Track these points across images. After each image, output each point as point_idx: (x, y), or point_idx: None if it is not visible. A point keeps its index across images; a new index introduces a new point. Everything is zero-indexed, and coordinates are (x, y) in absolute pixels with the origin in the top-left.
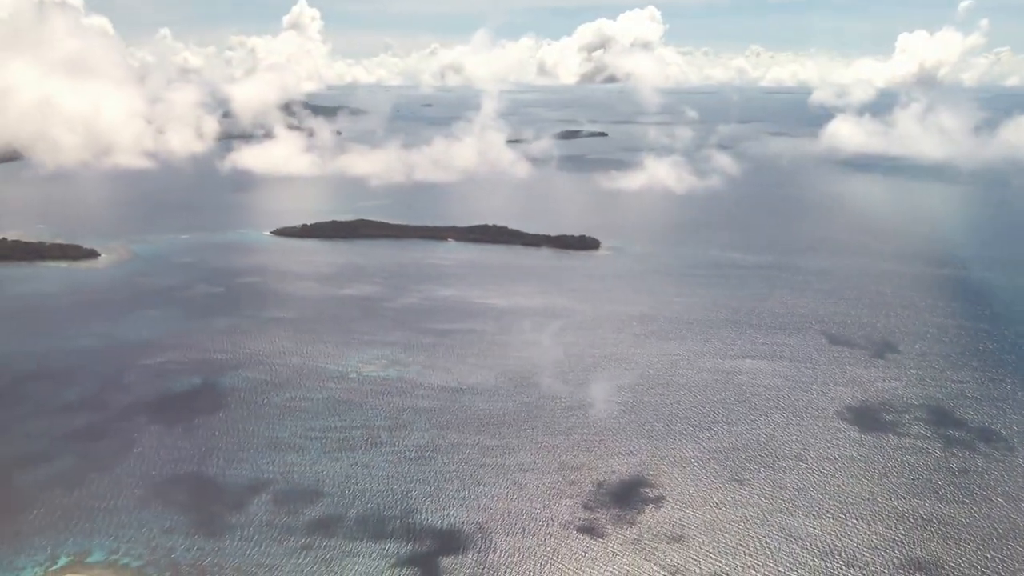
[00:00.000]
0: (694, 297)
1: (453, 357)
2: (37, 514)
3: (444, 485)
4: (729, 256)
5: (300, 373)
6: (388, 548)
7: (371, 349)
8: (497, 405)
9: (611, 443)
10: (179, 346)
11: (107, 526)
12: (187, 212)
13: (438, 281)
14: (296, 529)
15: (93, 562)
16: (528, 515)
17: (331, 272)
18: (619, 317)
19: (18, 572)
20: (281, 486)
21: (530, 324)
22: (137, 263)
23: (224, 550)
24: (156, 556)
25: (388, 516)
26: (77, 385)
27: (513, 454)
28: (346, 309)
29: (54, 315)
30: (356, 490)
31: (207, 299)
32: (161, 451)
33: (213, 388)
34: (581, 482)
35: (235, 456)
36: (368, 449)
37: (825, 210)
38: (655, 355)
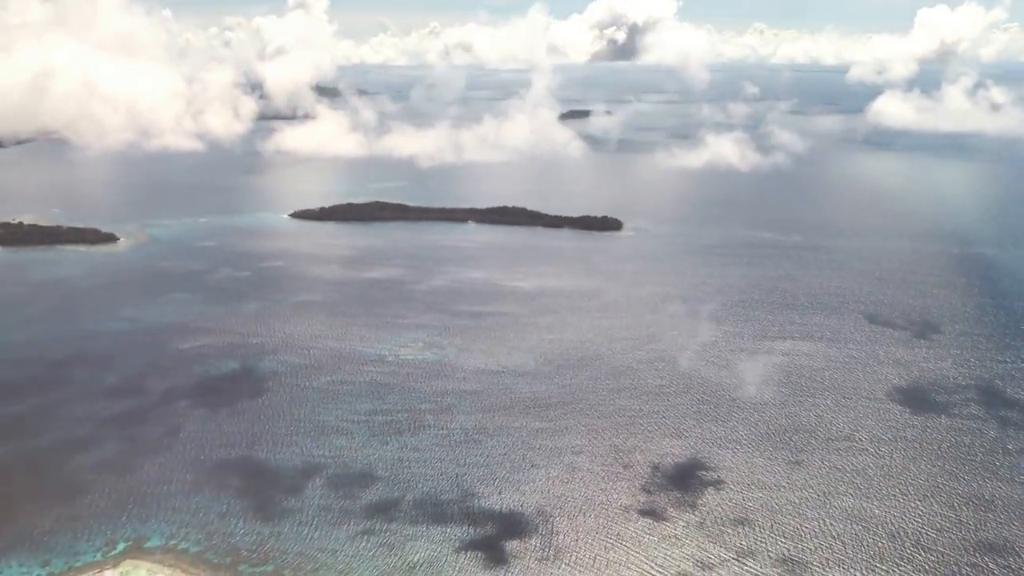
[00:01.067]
0: (725, 278)
1: (489, 340)
2: (91, 499)
3: (497, 468)
4: (758, 236)
5: (338, 357)
6: (449, 532)
7: (405, 332)
8: (540, 387)
9: (660, 425)
10: (212, 330)
11: (162, 511)
12: (205, 195)
13: (463, 263)
14: (354, 513)
15: (151, 547)
16: (587, 498)
17: (355, 255)
18: (651, 298)
19: (77, 557)
20: (334, 470)
21: (562, 306)
22: (156, 247)
23: (283, 535)
24: (215, 541)
25: (445, 500)
26: (115, 369)
27: (562, 436)
28: (375, 292)
29: (81, 299)
30: (409, 474)
31: (233, 283)
32: (208, 436)
33: (252, 372)
34: (636, 464)
35: (283, 440)
36: (415, 432)
37: (859, 189)
38: (692, 336)
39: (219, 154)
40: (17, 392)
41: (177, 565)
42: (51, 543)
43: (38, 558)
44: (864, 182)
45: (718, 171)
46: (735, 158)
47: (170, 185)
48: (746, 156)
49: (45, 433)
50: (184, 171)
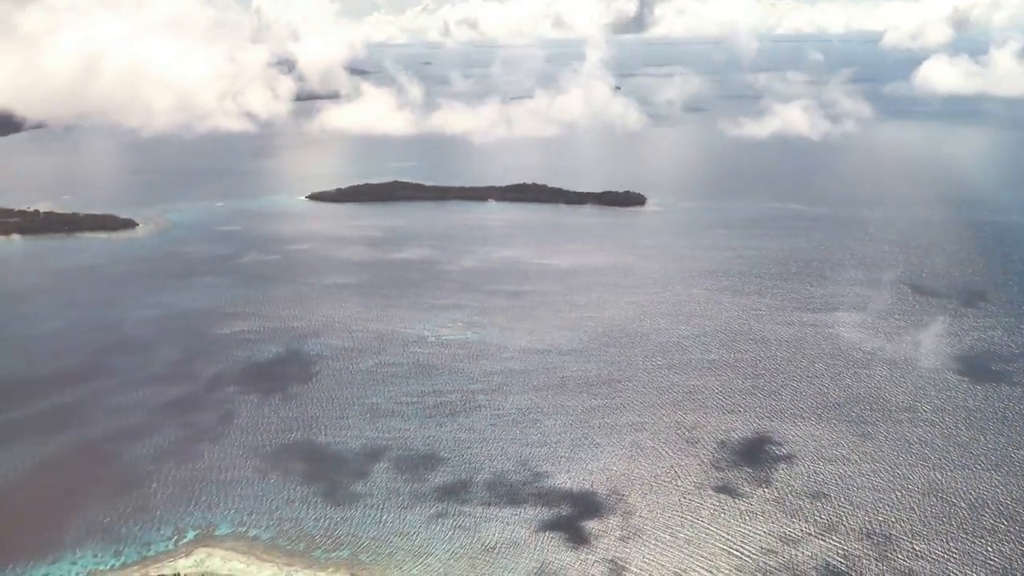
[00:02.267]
0: (758, 250)
1: (530, 319)
2: (155, 488)
3: (559, 447)
4: (785, 208)
5: (380, 338)
6: (524, 513)
7: (444, 313)
8: (588, 366)
9: (718, 400)
10: (249, 315)
11: (228, 498)
12: (221, 179)
13: (491, 242)
14: (425, 496)
15: (222, 535)
16: (657, 475)
17: (380, 236)
18: (686, 273)
19: (148, 547)
20: (396, 452)
21: (597, 283)
22: (177, 232)
23: (354, 519)
24: (285, 527)
25: (514, 480)
26: (157, 356)
27: (620, 414)
28: (406, 273)
29: (109, 287)
30: (472, 455)
31: (262, 267)
32: (264, 421)
33: (297, 356)
34: (702, 441)
35: (338, 424)
36: (469, 413)
37: (896, 158)
38: (734, 310)
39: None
40: (62, 382)
41: (251, 552)
42: (121, 533)
43: (109, 549)
44: (902, 150)
45: (752, 142)
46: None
47: (185, 170)
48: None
49: (97, 423)
50: (206, 155)
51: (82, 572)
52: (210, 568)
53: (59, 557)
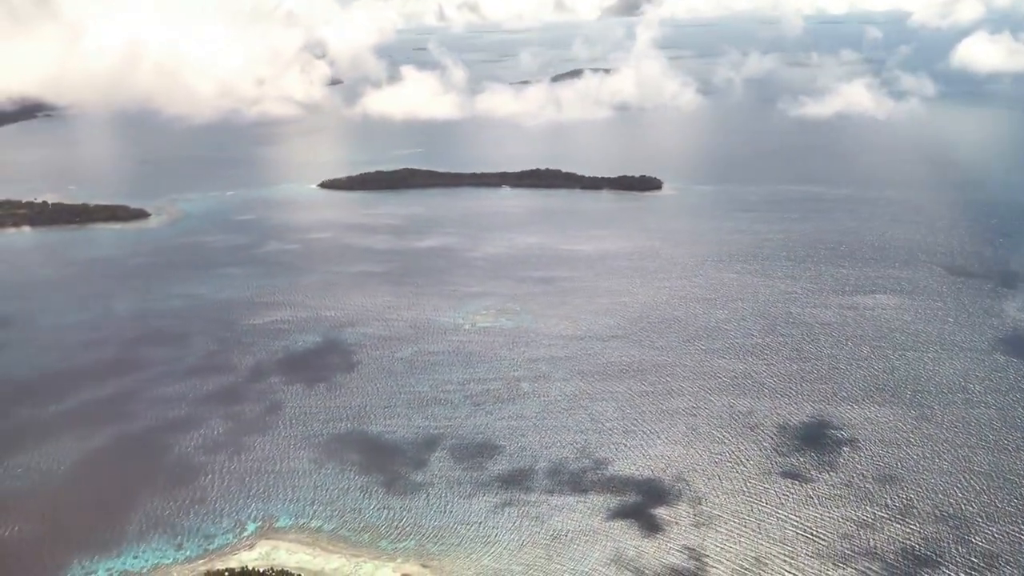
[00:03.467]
0: (784, 233)
1: (563, 305)
2: (209, 481)
3: (613, 434)
4: (804, 190)
5: (415, 327)
6: (590, 500)
7: (475, 300)
8: (630, 351)
9: (769, 385)
10: (280, 304)
11: (284, 490)
12: (229, 167)
13: (512, 229)
14: (486, 484)
15: (283, 527)
16: (720, 461)
17: (399, 224)
18: (713, 257)
19: (210, 540)
20: (450, 441)
21: (625, 268)
22: (191, 222)
23: (415, 509)
24: (347, 518)
25: (575, 468)
26: (192, 347)
27: (669, 399)
28: (432, 260)
29: (132, 277)
30: (527, 443)
31: (284, 256)
32: (312, 411)
33: (335, 345)
34: (760, 426)
35: (386, 412)
36: (515, 400)
37: (923, 140)
38: (769, 293)
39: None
40: (99, 374)
41: (316, 544)
42: (180, 527)
43: (171, 542)
44: (930, 132)
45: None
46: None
47: (192, 159)
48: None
49: (141, 415)
50: (212, 144)
51: (146, 566)
52: (277, 561)
53: (120, 551)
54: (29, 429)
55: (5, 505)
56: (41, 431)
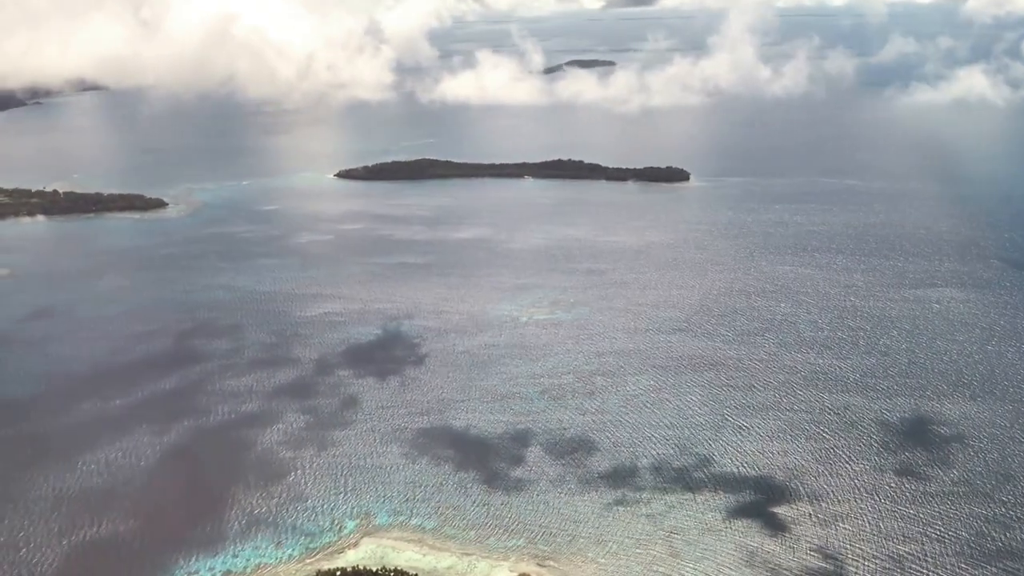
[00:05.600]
0: (828, 225)
1: (617, 297)
2: (298, 477)
3: (704, 430)
4: (839, 183)
5: (470, 320)
6: (705, 498)
7: (525, 293)
8: (698, 344)
9: (854, 380)
10: (328, 296)
11: (377, 486)
12: (237, 157)
13: (547, 220)
14: (591, 482)
15: (383, 525)
16: (827, 457)
17: (430, 215)
18: (760, 248)
19: (311, 539)
20: (538, 436)
21: (672, 260)
22: (211, 211)
23: (518, 505)
24: (447, 515)
25: (680, 465)
26: (248, 340)
27: (752, 393)
28: (471, 252)
29: (164, 268)
30: (619, 438)
31: (319, 247)
32: (391, 405)
33: (396, 338)
34: (859, 422)
35: (464, 407)
36: (594, 396)
37: (968, 136)
38: (828, 286)
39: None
40: (159, 367)
41: (422, 542)
42: (277, 525)
43: (269, 541)
44: (982, 127)
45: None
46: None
47: (198, 148)
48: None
49: (212, 409)
50: (219, 132)
51: (249, 566)
52: (386, 559)
53: (220, 550)
54: (98, 424)
55: (93, 504)
56: (111, 426)
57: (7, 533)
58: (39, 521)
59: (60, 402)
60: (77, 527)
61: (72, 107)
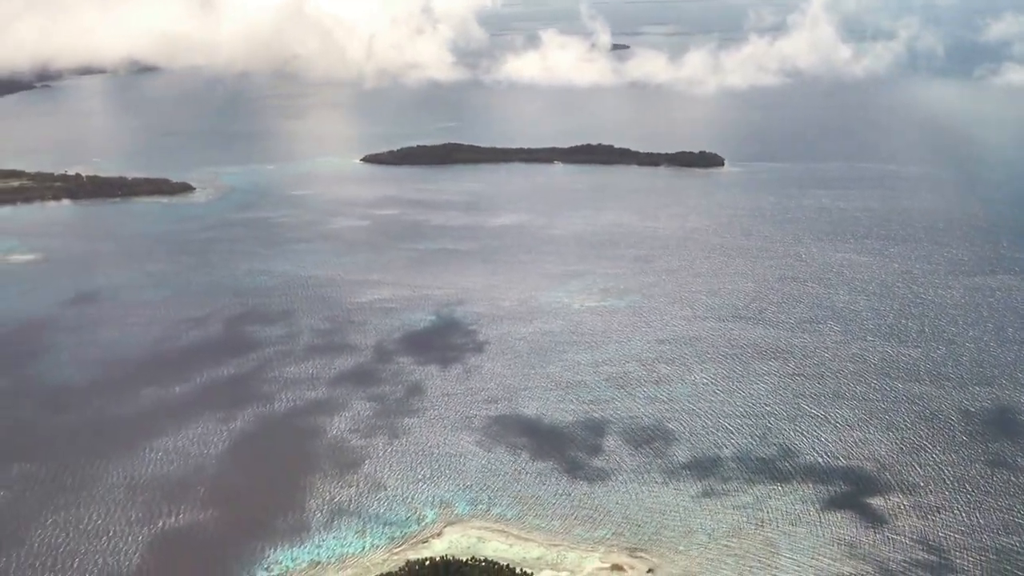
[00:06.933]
0: (870, 212)
1: (669, 284)
2: (373, 466)
3: (781, 419)
4: (877, 168)
5: (522, 307)
6: (796, 490)
7: (574, 280)
8: (759, 332)
9: (926, 368)
10: (376, 282)
11: (453, 474)
12: (256, 141)
13: (582, 206)
14: (675, 472)
15: (464, 514)
16: (913, 448)
17: (464, 200)
18: (808, 235)
19: (392, 528)
20: (612, 425)
21: (718, 247)
22: (240, 196)
23: (601, 496)
24: (528, 505)
25: (763, 455)
26: (302, 326)
27: (826, 383)
28: (512, 238)
29: (202, 253)
30: (695, 427)
31: (357, 233)
32: (453, 393)
33: (451, 325)
34: (941, 412)
35: (530, 395)
36: (661, 384)
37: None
38: (885, 274)
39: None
40: (215, 353)
41: (506, 531)
42: (358, 513)
43: (351, 530)
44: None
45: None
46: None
47: (216, 132)
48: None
49: (277, 396)
50: (231, 115)
51: (333, 556)
52: (472, 549)
53: (302, 539)
54: (161, 411)
55: (168, 492)
56: (174, 413)
57: (86, 521)
58: (116, 510)
59: (119, 388)
60: (155, 516)
61: (80, 90)
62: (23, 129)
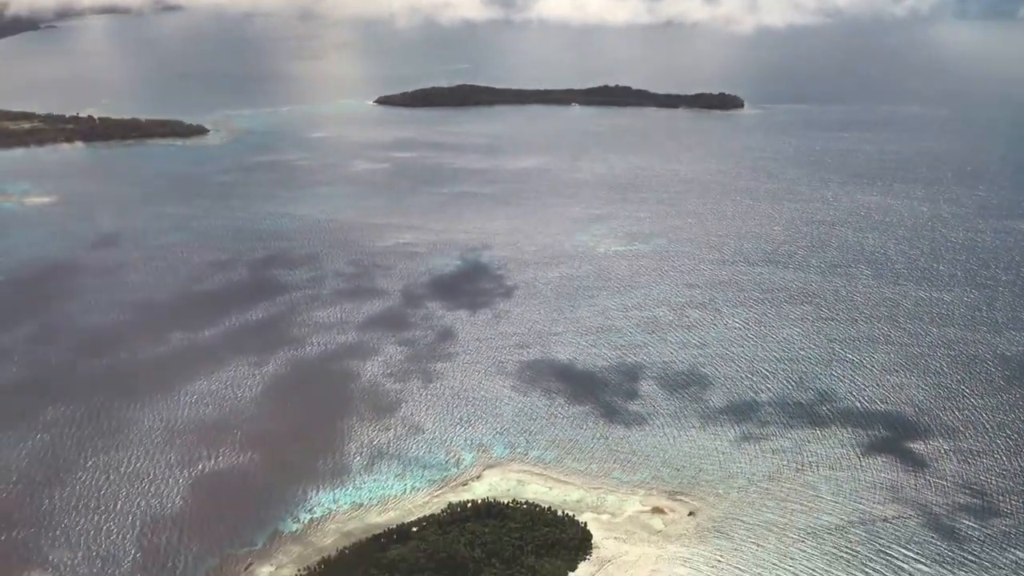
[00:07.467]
0: (897, 155)
1: (695, 228)
2: (410, 410)
3: (816, 364)
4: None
5: (548, 251)
6: (835, 434)
7: (599, 223)
8: (789, 275)
9: (960, 313)
10: (400, 226)
11: (489, 418)
12: (268, 84)
13: (605, 149)
14: (712, 417)
15: (501, 457)
16: (958, 394)
17: (484, 143)
18: (834, 177)
19: (432, 471)
20: (646, 370)
21: (744, 189)
22: (255, 138)
23: (637, 440)
24: (566, 449)
25: (799, 400)
26: (327, 270)
27: (859, 327)
28: (534, 182)
29: (220, 196)
30: (730, 372)
31: (377, 175)
32: (484, 337)
33: (478, 270)
34: (981, 357)
35: (561, 339)
36: (692, 328)
37: None
38: (914, 217)
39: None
40: (241, 297)
41: (545, 475)
42: (397, 456)
43: (390, 473)
44: None
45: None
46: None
47: (227, 74)
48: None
49: (307, 340)
50: (242, 58)
51: (374, 498)
52: (513, 492)
53: (342, 482)
54: (192, 355)
55: (206, 436)
56: (206, 357)
57: (126, 464)
58: (156, 453)
59: (149, 332)
60: (194, 459)
61: (95, 29)
62: (32, 70)
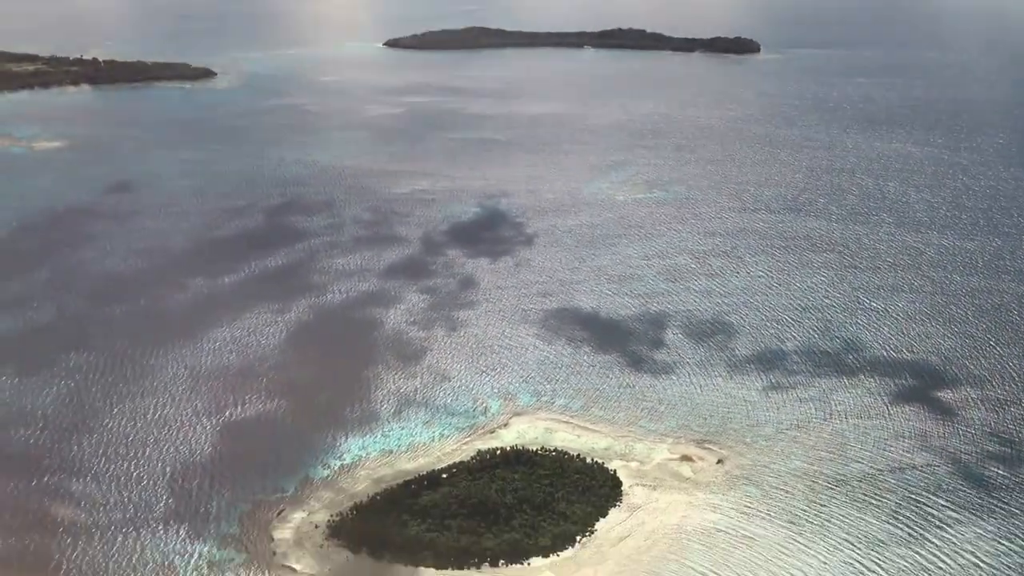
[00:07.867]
0: (920, 101)
1: (713, 176)
2: (436, 357)
3: (842, 312)
4: (922, 56)
5: (567, 198)
6: (863, 383)
7: (616, 171)
8: (810, 223)
9: (984, 261)
10: (416, 173)
11: (515, 367)
12: (273, 24)
13: (618, 94)
14: (738, 366)
15: (528, 405)
16: (985, 343)
17: (496, 87)
18: (852, 124)
19: (459, 418)
20: (669, 319)
21: (762, 136)
22: (264, 83)
23: (664, 389)
24: (592, 397)
25: (825, 349)
26: (344, 216)
27: (882, 275)
28: (552, 128)
29: (233, 140)
30: (754, 321)
31: (391, 120)
32: (509, 286)
33: (496, 217)
34: (1003, 306)
35: (584, 288)
36: (715, 277)
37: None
38: (934, 165)
39: None
40: (260, 243)
41: (572, 423)
42: (424, 404)
43: (417, 420)
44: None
45: None
46: None
47: (234, 15)
48: None
49: (329, 287)
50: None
51: (402, 445)
52: (541, 440)
53: (371, 429)
54: (213, 302)
55: (231, 383)
56: (227, 304)
57: (152, 411)
58: (182, 400)
59: (168, 278)
60: (221, 406)
61: None
62: (30, 8)
